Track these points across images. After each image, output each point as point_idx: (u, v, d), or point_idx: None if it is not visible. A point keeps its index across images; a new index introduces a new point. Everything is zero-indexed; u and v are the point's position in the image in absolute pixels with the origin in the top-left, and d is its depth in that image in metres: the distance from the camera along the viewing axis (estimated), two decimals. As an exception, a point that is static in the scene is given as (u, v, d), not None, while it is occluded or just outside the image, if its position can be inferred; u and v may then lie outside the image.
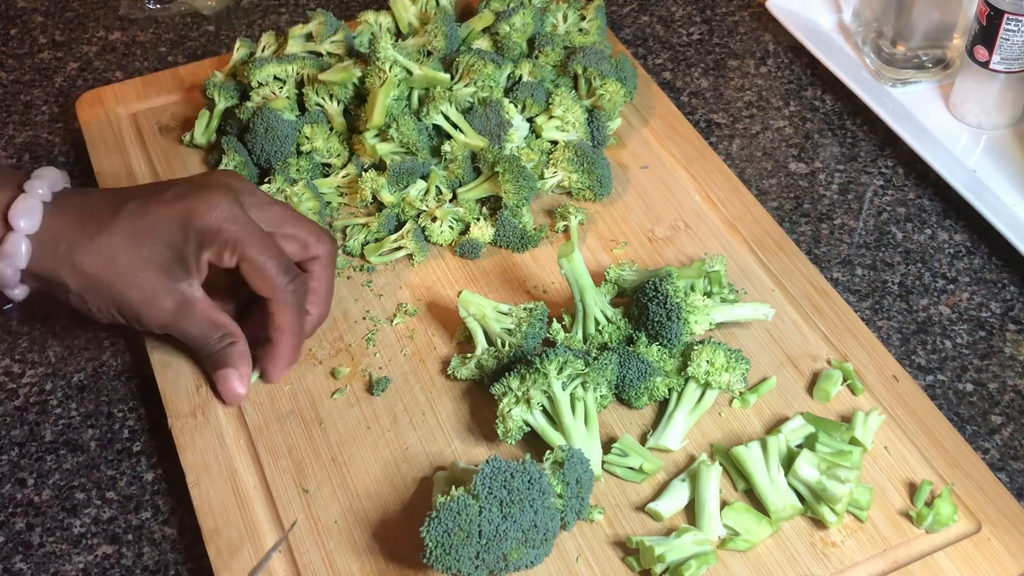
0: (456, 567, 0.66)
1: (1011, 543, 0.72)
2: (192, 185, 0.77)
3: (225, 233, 0.74)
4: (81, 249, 0.74)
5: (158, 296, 0.75)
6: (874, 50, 1.06)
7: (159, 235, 0.74)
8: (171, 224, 0.74)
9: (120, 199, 0.76)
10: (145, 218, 0.75)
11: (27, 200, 0.74)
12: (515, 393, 0.74)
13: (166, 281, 0.75)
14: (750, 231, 0.91)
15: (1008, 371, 0.84)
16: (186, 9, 1.19)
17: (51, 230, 0.74)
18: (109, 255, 0.74)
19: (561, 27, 1.04)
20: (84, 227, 0.75)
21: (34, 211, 0.74)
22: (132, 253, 0.74)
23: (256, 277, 0.76)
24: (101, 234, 0.74)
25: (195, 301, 0.77)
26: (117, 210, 0.75)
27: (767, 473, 0.73)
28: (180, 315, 0.76)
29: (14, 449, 0.81)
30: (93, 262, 0.74)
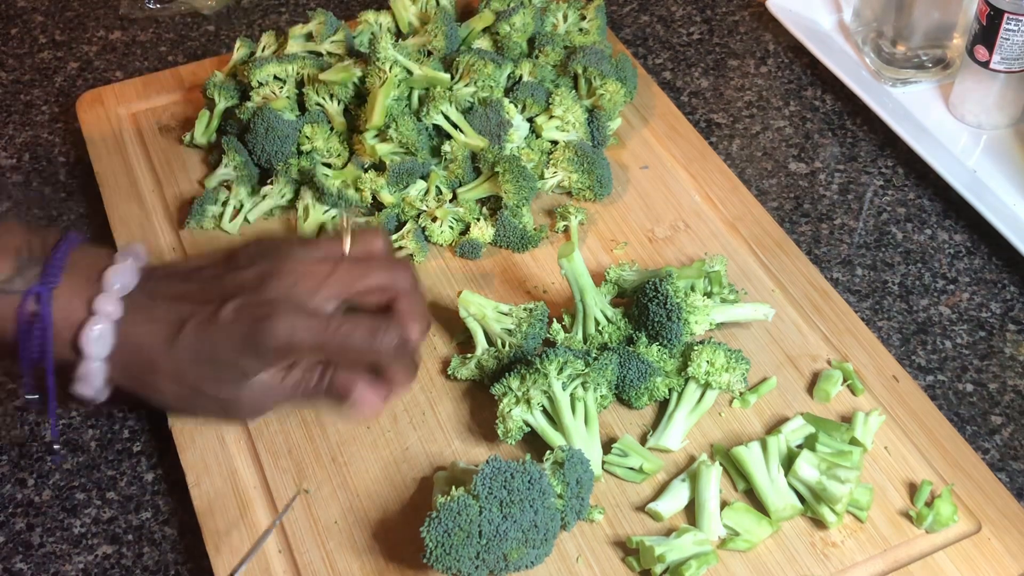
0: (456, 567, 0.66)
1: (1011, 543, 0.72)
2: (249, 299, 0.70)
3: (295, 348, 0.69)
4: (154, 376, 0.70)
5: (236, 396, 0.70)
6: (874, 50, 1.06)
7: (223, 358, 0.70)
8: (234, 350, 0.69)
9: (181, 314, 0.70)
10: (206, 345, 0.70)
11: (97, 325, 0.69)
12: (515, 393, 0.74)
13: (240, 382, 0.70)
14: (750, 231, 0.91)
15: (1008, 371, 0.84)
16: (186, 9, 1.19)
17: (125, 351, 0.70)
18: (180, 380, 0.70)
19: (561, 27, 1.04)
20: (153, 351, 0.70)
21: (105, 336, 0.69)
22: (200, 379, 0.70)
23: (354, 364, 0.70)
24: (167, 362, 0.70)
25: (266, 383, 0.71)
26: (180, 326, 0.70)
27: (767, 473, 0.73)
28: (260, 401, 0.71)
29: (14, 449, 0.81)
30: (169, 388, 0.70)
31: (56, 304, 0.70)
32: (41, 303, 0.69)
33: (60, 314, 0.70)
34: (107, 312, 0.70)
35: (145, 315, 0.71)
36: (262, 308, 0.69)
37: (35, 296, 0.69)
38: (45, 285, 0.69)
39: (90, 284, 0.71)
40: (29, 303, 0.69)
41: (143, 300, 0.72)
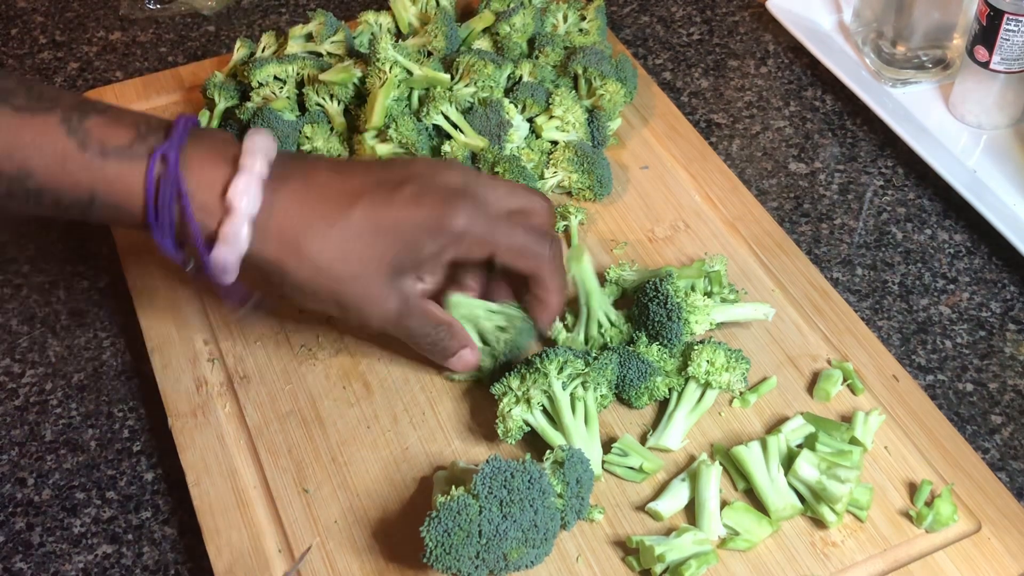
0: (456, 567, 0.66)
1: (1011, 543, 0.72)
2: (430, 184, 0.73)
3: (472, 235, 0.72)
4: (312, 238, 0.69)
5: (384, 294, 0.72)
6: (874, 50, 1.06)
7: (401, 236, 0.71)
8: (416, 226, 0.71)
9: (352, 187, 0.71)
10: (387, 216, 0.70)
11: (245, 178, 0.67)
12: (515, 393, 0.74)
13: (396, 280, 0.72)
14: (750, 231, 0.91)
15: (1008, 371, 0.84)
16: (186, 9, 1.19)
17: (274, 212, 0.68)
18: (343, 247, 0.69)
19: (561, 27, 1.04)
20: (314, 215, 0.69)
21: (253, 191, 0.67)
22: (368, 249, 0.70)
23: (519, 260, 0.75)
24: (335, 226, 0.69)
25: (413, 297, 0.74)
26: (353, 201, 0.70)
27: (767, 473, 0.73)
28: (403, 314, 0.74)
29: (14, 449, 0.81)
30: (324, 253, 0.69)
31: (190, 164, 0.68)
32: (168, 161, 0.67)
33: (195, 174, 0.68)
34: (255, 170, 0.68)
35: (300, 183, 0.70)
36: (446, 194, 0.72)
37: (161, 158, 0.67)
38: (171, 144, 0.67)
39: (227, 146, 0.69)
40: (156, 166, 0.67)
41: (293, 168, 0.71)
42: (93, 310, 0.90)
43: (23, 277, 0.92)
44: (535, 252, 0.76)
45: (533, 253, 0.76)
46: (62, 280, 0.92)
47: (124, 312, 0.89)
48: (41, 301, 0.90)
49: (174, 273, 0.88)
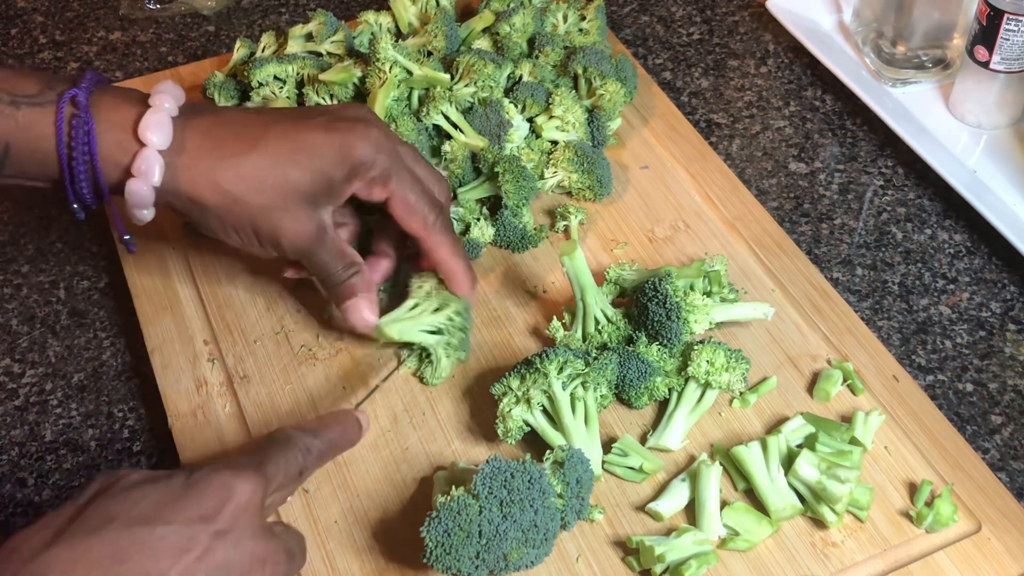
0: (456, 567, 0.66)
1: (1011, 543, 0.72)
2: (341, 117, 0.76)
3: (378, 166, 0.74)
4: (225, 167, 0.72)
5: (300, 222, 0.74)
6: (874, 50, 1.06)
7: (312, 160, 0.73)
8: (326, 151, 0.73)
9: (263, 120, 0.74)
10: (298, 142, 0.73)
11: (156, 115, 0.71)
12: (515, 393, 0.74)
13: (310, 207, 0.74)
14: (750, 231, 0.91)
15: (1008, 371, 0.84)
16: (186, 9, 1.19)
17: (186, 147, 0.72)
18: (257, 175, 0.72)
19: (561, 27, 1.04)
20: (227, 146, 0.72)
21: (164, 126, 0.71)
22: (280, 175, 0.72)
23: (407, 214, 0.76)
24: (249, 153, 0.72)
25: (328, 229, 0.76)
26: (264, 131, 0.73)
27: (767, 473, 0.73)
28: (315, 242, 0.75)
29: (14, 449, 0.81)
30: (238, 181, 0.72)
31: (100, 105, 0.70)
32: (78, 104, 0.69)
33: (105, 114, 0.70)
34: (164, 107, 0.71)
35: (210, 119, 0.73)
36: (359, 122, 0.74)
37: (71, 101, 0.69)
38: (81, 89, 0.70)
39: (136, 94, 0.72)
40: (66, 108, 0.69)
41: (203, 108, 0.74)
42: (93, 310, 0.90)
43: (23, 277, 0.92)
44: (424, 213, 0.77)
45: (422, 212, 0.77)
46: (62, 280, 0.92)
47: (124, 312, 0.89)
48: (41, 301, 0.90)
49: (174, 273, 0.88)
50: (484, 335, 0.84)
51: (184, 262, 0.89)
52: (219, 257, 0.89)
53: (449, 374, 0.81)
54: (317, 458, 0.66)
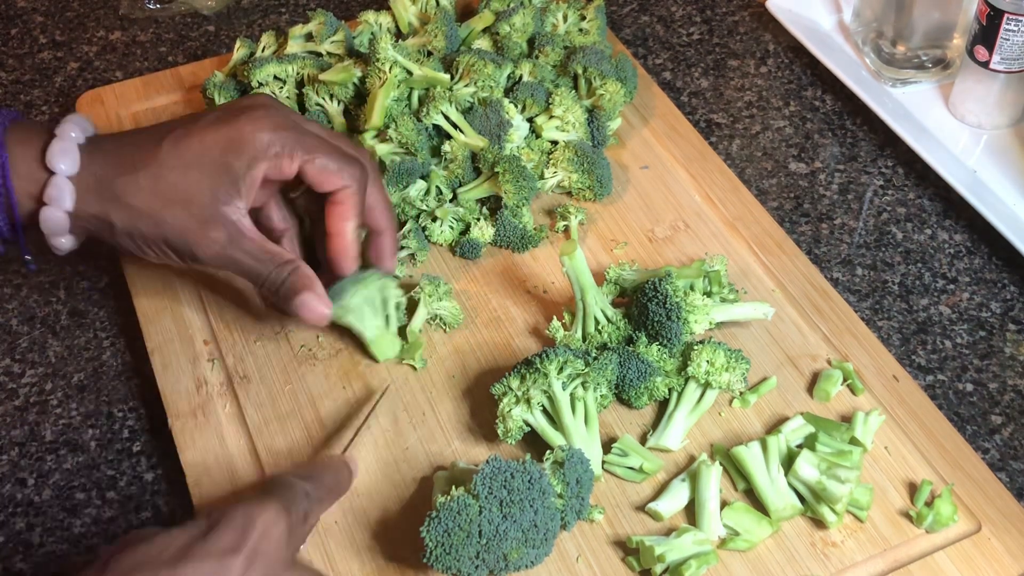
0: (456, 567, 0.66)
1: (1011, 543, 0.72)
2: (230, 109, 0.76)
3: (278, 142, 0.74)
4: (127, 185, 0.73)
5: (208, 224, 0.73)
6: (874, 50, 1.06)
7: (206, 159, 0.73)
8: (217, 145, 0.73)
9: (160, 132, 0.75)
10: (190, 145, 0.73)
11: (62, 143, 0.72)
12: (515, 393, 0.74)
13: (215, 207, 0.73)
14: (750, 231, 0.91)
15: (1008, 371, 0.84)
16: (186, 9, 1.19)
17: (93, 170, 0.73)
18: (156, 187, 0.73)
19: (561, 27, 1.04)
20: (126, 163, 0.73)
21: (70, 152, 0.72)
22: (179, 181, 0.73)
23: (321, 174, 0.75)
24: (147, 167, 0.73)
25: (245, 229, 0.75)
26: (159, 142, 0.73)
27: (767, 473, 0.73)
28: (232, 244, 0.74)
29: (14, 449, 0.81)
30: (140, 196, 0.73)
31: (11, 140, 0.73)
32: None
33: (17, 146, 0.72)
34: (71, 136, 0.73)
35: (113, 142, 0.75)
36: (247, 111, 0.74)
37: None
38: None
39: (43, 126, 0.75)
40: None
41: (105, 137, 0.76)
42: (93, 310, 0.90)
43: (23, 277, 0.92)
44: (340, 166, 0.75)
45: (339, 167, 0.75)
46: (62, 280, 0.92)
47: (124, 312, 0.89)
48: (41, 301, 0.90)
49: (174, 273, 0.88)
50: (484, 335, 0.84)
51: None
52: (219, 257, 0.89)
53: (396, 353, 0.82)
54: (316, 503, 0.66)
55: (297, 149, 0.74)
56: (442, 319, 0.84)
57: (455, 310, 0.84)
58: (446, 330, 0.84)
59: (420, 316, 0.83)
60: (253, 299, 0.87)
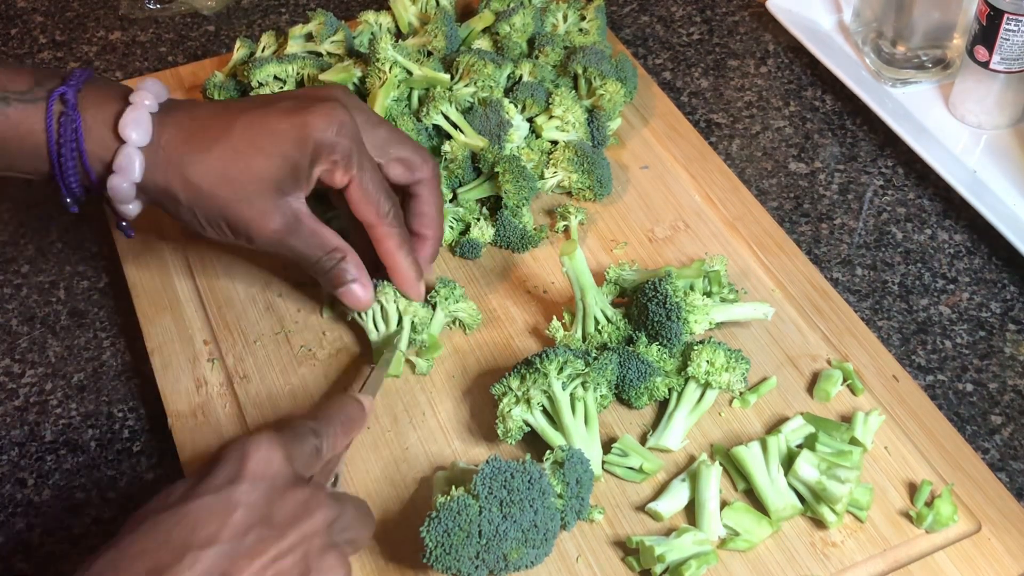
0: (456, 567, 0.66)
1: (1011, 543, 0.72)
2: (307, 97, 0.75)
3: (341, 149, 0.74)
4: (194, 162, 0.73)
5: (268, 212, 0.74)
6: (874, 50, 1.06)
7: (275, 147, 0.73)
8: (287, 135, 0.73)
9: (232, 111, 0.75)
10: (262, 130, 0.73)
11: (135, 112, 0.72)
12: (515, 393, 0.74)
13: (277, 196, 0.74)
14: (750, 231, 0.91)
15: (1008, 371, 0.84)
16: (186, 9, 1.19)
17: (162, 143, 0.73)
18: (222, 169, 0.73)
19: (561, 27, 1.04)
20: (197, 140, 0.73)
21: (143, 123, 0.72)
22: (245, 166, 0.73)
23: (362, 202, 0.76)
24: (215, 147, 0.73)
25: (303, 217, 0.75)
26: (231, 122, 0.73)
27: (767, 473, 0.73)
28: (290, 232, 0.75)
29: (14, 449, 0.81)
30: (206, 176, 0.73)
31: (87, 103, 0.72)
32: (67, 102, 0.71)
33: (92, 111, 0.72)
34: (144, 104, 0.73)
35: (186, 114, 0.75)
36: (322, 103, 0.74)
37: (60, 97, 0.72)
38: (70, 87, 0.72)
39: (121, 89, 0.74)
40: (56, 105, 0.71)
41: (182, 103, 0.76)
42: (93, 310, 0.90)
43: (23, 277, 0.92)
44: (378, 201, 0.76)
45: (376, 201, 0.76)
46: (62, 280, 0.92)
47: (124, 312, 0.89)
48: (41, 301, 0.90)
49: (174, 273, 0.88)
50: (484, 335, 0.84)
51: (184, 262, 0.89)
52: (219, 256, 0.89)
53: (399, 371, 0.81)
54: (328, 438, 0.66)
55: (352, 165, 0.75)
56: (461, 321, 0.84)
57: (473, 311, 0.84)
58: (466, 332, 0.84)
59: (438, 320, 0.83)
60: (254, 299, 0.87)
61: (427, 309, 0.82)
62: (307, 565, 0.57)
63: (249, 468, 0.58)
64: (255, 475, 0.57)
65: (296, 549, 0.56)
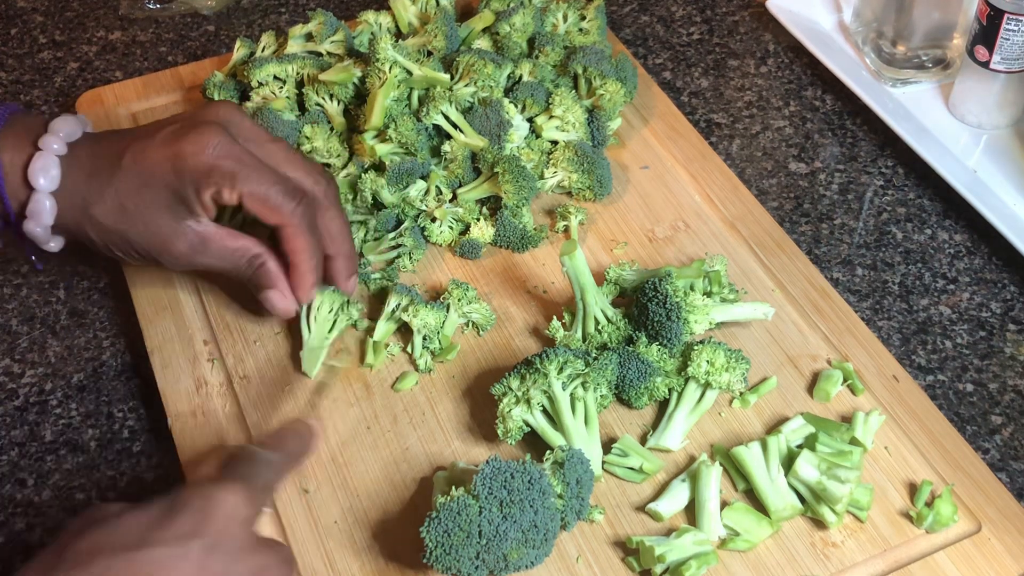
0: (456, 567, 0.66)
1: (1011, 543, 0.72)
2: (185, 123, 0.76)
3: (220, 170, 0.74)
4: (95, 201, 0.75)
5: (170, 238, 0.76)
6: (874, 50, 1.06)
7: (157, 179, 0.74)
8: (165, 166, 0.74)
9: (124, 143, 0.76)
10: (144, 163, 0.74)
11: (43, 158, 0.74)
12: (515, 393, 0.74)
13: (174, 223, 0.76)
14: (750, 231, 0.91)
15: (1008, 371, 0.84)
16: (186, 9, 1.19)
17: (68, 185, 0.75)
18: (119, 204, 0.75)
19: (561, 27, 1.04)
20: (95, 178, 0.75)
21: (50, 168, 0.74)
22: (138, 200, 0.75)
23: (262, 208, 0.75)
24: (110, 184, 0.75)
25: (208, 235, 0.77)
26: (120, 156, 0.75)
27: (767, 473, 0.73)
28: (198, 251, 0.77)
29: (14, 449, 0.81)
30: (107, 214, 0.75)
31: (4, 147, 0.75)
32: None
33: (8, 155, 0.75)
34: (52, 148, 0.75)
35: (87, 153, 0.77)
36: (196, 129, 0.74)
37: None
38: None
39: (36, 130, 0.76)
40: None
41: (87, 142, 0.78)
42: (93, 310, 0.90)
43: (23, 277, 0.92)
44: (279, 203, 0.75)
45: (277, 203, 0.75)
46: (62, 280, 0.92)
47: (124, 312, 0.89)
48: (41, 301, 0.90)
49: (174, 273, 0.88)
50: (484, 335, 0.84)
51: (184, 262, 0.89)
52: (219, 257, 0.89)
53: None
54: (280, 471, 0.65)
55: (237, 181, 0.74)
56: (474, 323, 0.84)
57: (487, 311, 0.84)
58: (479, 333, 0.84)
59: (452, 321, 0.83)
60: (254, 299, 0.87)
61: (437, 314, 0.82)
62: None
63: (213, 523, 0.56)
64: (217, 532, 0.56)
65: None
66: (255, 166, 0.75)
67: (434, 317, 0.82)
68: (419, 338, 0.82)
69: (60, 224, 0.76)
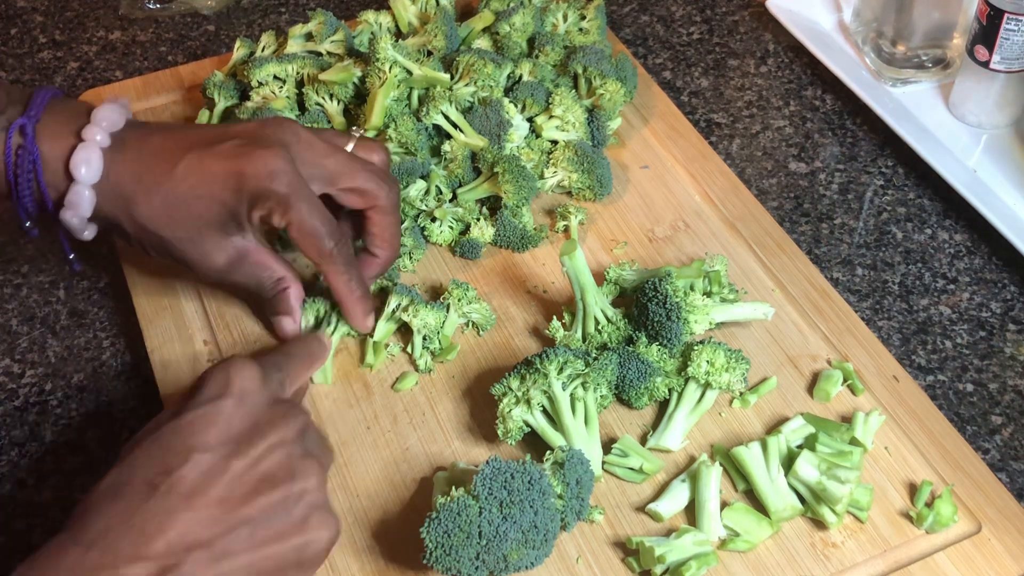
0: (456, 568, 0.66)
1: (1011, 543, 0.72)
2: (248, 138, 0.76)
3: (276, 195, 0.74)
4: (139, 201, 0.75)
5: (211, 252, 0.77)
6: (874, 50, 1.06)
7: (213, 192, 0.74)
8: (224, 183, 0.74)
9: (180, 148, 0.75)
10: (201, 174, 0.74)
11: (85, 150, 0.74)
12: (515, 393, 0.74)
13: (220, 237, 0.76)
14: (750, 231, 0.91)
15: (1008, 371, 0.84)
16: (186, 9, 1.19)
17: (111, 178, 0.75)
18: (166, 211, 0.75)
19: (561, 27, 1.04)
20: (143, 179, 0.75)
21: (93, 161, 0.74)
22: (186, 210, 0.75)
23: (303, 241, 0.76)
24: (159, 189, 0.75)
25: (249, 252, 0.78)
26: (176, 162, 0.75)
27: (767, 473, 0.73)
28: (232, 268, 0.78)
29: (14, 449, 0.81)
30: (151, 217, 0.75)
31: (44, 135, 0.75)
32: (26, 135, 0.74)
33: (48, 144, 0.75)
34: (96, 140, 0.75)
35: (135, 148, 0.76)
36: (260, 147, 0.75)
37: (19, 129, 0.74)
38: (28, 118, 0.74)
39: (77, 118, 0.76)
40: (15, 137, 0.74)
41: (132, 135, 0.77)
42: (93, 310, 0.90)
43: (23, 277, 0.92)
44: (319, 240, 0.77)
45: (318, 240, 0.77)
46: (62, 280, 0.92)
47: (124, 312, 0.89)
48: (41, 301, 0.90)
49: (174, 273, 0.88)
50: (484, 335, 0.84)
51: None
52: (219, 257, 0.89)
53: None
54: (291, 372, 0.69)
55: (289, 209, 0.75)
56: (474, 323, 0.84)
57: (487, 311, 0.84)
58: (479, 333, 0.84)
59: (452, 321, 0.83)
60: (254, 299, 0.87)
61: (437, 314, 0.82)
62: (291, 466, 0.60)
63: (235, 385, 0.61)
64: (240, 391, 0.61)
65: (279, 450, 0.60)
66: (308, 197, 0.76)
67: (434, 317, 0.82)
68: (419, 338, 0.82)
69: (96, 215, 0.76)
